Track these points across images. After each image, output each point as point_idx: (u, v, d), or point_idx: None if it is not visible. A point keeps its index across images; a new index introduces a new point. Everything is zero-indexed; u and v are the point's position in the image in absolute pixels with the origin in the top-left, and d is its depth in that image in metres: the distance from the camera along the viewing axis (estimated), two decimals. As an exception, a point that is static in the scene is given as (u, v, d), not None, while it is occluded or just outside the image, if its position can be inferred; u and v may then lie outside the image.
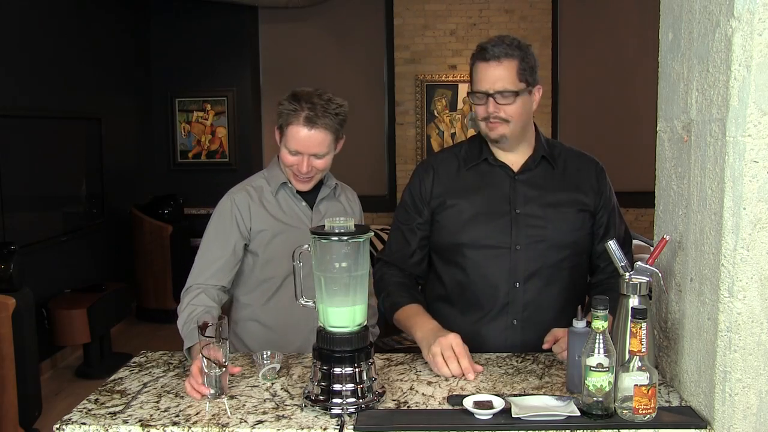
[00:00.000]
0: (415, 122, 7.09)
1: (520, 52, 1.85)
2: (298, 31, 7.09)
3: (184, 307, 1.95)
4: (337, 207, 2.19)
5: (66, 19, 5.32)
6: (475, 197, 1.94)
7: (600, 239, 1.98)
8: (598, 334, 1.41)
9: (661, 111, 1.69)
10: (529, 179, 1.95)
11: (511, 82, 1.84)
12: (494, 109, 1.85)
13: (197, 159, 6.93)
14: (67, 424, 1.46)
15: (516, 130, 1.89)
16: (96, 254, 5.66)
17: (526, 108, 1.89)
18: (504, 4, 6.93)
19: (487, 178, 1.96)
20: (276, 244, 2.07)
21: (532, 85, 1.88)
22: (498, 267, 1.91)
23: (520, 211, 1.91)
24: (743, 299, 1.36)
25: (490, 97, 1.85)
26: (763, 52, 1.31)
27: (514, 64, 1.84)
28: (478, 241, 1.92)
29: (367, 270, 1.56)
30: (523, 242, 1.90)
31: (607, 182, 2.02)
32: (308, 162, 2.01)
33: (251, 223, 2.06)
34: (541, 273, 1.91)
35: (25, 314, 3.64)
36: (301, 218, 2.11)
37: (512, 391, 1.62)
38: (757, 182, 1.33)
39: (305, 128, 1.98)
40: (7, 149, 4.35)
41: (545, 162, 1.97)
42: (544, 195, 1.93)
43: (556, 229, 1.91)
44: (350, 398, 1.48)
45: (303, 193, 2.13)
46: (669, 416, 1.44)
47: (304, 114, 1.97)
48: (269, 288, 2.10)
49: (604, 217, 1.99)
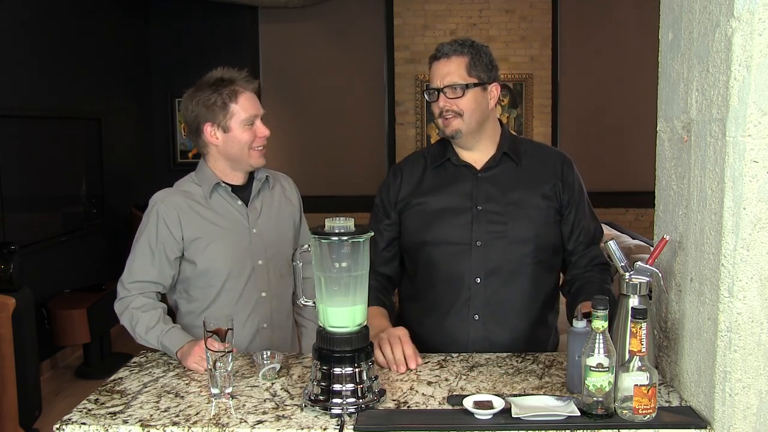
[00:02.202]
0: (415, 122, 7.10)
1: (472, 49, 1.92)
2: (298, 31, 7.10)
3: (134, 317, 1.94)
4: (273, 199, 2.17)
5: (66, 19, 5.32)
6: (438, 196, 1.99)
7: (569, 236, 2.01)
8: (598, 334, 1.41)
9: (661, 111, 1.69)
10: (492, 177, 1.99)
11: (459, 76, 1.90)
12: (445, 103, 1.92)
13: (197, 159, 6.90)
14: (67, 424, 1.46)
15: (471, 125, 1.93)
16: (96, 254, 5.66)
17: (479, 103, 1.93)
18: (504, 4, 6.93)
19: (450, 178, 2.01)
20: (213, 251, 2.03)
21: (486, 81, 1.93)
22: (459, 263, 1.95)
23: (482, 208, 1.95)
24: (743, 299, 1.36)
25: (440, 92, 1.92)
26: (763, 52, 1.31)
27: (463, 60, 1.91)
28: (439, 238, 1.97)
29: (367, 270, 1.56)
30: (483, 238, 1.94)
31: (575, 176, 2.03)
32: (262, 125, 2.04)
33: (182, 233, 2.02)
34: (502, 269, 1.94)
35: (25, 314, 3.64)
36: (238, 219, 2.08)
37: (512, 391, 1.62)
38: (757, 182, 1.33)
39: (250, 92, 2.03)
40: (7, 149, 4.35)
41: (508, 159, 2.00)
42: (505, 192, 1.97)
43: (517, 225, 1.94)
44: (350, 398, 1.48)
45: (237, 191, 2.10)
46: (669, 416, 1.44)
47: (239, 83, 2.01)
48: (209, 294, 2.06)
49: (572, 213, 2.00)
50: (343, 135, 7.16)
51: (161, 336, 1.89)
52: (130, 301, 1.99)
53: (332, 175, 7.05)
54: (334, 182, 7.10)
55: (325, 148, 7.07)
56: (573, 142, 6.78)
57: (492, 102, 1.96)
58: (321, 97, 7.02)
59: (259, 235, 2.09)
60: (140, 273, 2.02)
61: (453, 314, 1.97)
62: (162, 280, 2.04)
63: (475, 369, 1.77)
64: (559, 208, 1.99)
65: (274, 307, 2.12)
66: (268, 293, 2.11)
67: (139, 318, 1.94)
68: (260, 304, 2.10)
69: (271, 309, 2.12)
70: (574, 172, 2.03)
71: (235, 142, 2.02)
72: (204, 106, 2.01)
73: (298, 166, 6.48)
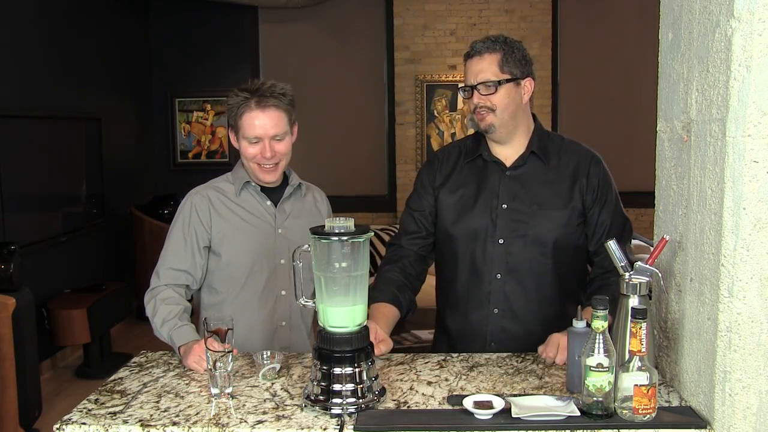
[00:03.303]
0: (415, 122, 7.09)
1: (505, 46, 1.96)
2: (298, 31, 7.09)
3: (156, 307, 1.98)
4: (303, 206, 2.20)
5: (66, 20, 5.32)
6: (466, 191, 2.04)
7: (591, 236, 2.01)
8: (598, 334, 1.41)
9: (661, 111, 1.69)
10: (519, 175, 2.02)
11: (492, 73, 1.95)
12: (478, 99, 1.96)
13: (197, 159, 6.94)
14: (67, 424, 1.46)
15: (504, 120, 1.97)
16: (96, 254, 5.66)
17: (512, 98, 1.96)
18: (504, 4, 6.93)
19: (480, 173, 2.05)
20: (237, 244, 2.09)
21: (519, 77, 1.97)
22: (482, 258, 2.00)
23: (507, 206, 1.99)
24: (743, 299, 1.36)
25: (474, 89, 1.96)
26: (763, 52, 1.31)
27: (496, 57, 1.95)
28: (464, 233, 2.03)
29: (367, 270, 1.56)
30: (506, 236, 1.98)
31: (600, 176, 2.02)
32: (270, 146, 2.03)
33: (211, 223, 2.09)
34: (522, 267, 1.99)
35: (25, 314, 3.64)
36: (265, 217, 2.13)
37: (512, 391, 1.62)
38: (757, 182, 1.33)
39: (258, 111, 2.01)
40: (7, 149, 4.35)
41: (536, 158, 2.02)
42: (530, 192, 2.00)
43: (539, 225, 1.98)
44: (350, 398, 1.48)
45: (268, 193, 2.15)
46: (669, 416, 1.44)
47: (254, 100, 2.02)
48: (232, 288, 2.11)
49: (595, 214, 2.01)
50: (343, 135, 7.16)
51: (172, 330, 1.92)
52: (158, 292, 2.04)
53: (332, 175, 7.04)
54: (333, 182, 7.08)
55: (325, 148, 7.07)
56: (573, 142, 6.78)
57: (526, 96, 2.00)
58: (321, 97, 7.01)
59: (284, 236, 2.13)
60: (173, 260, 2.07)
61: (474, 307, 2.02)
62: (192, 270, 2.08)
63: (475, 369, 1.77)
64: (583, 210, 2.01)
65: (293, 307, 2.15)
66: (288, 292, 2.15)
67: (159, 309, 1.98)
68: (280, 303, 2.15)
69: (290, 308, 2.16)
70: (600, 173, 2.03)
71: (243, 153, 2.08)
72: (228, 112, 2.08)
73: (298, 166, 6.46)
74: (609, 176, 2.05)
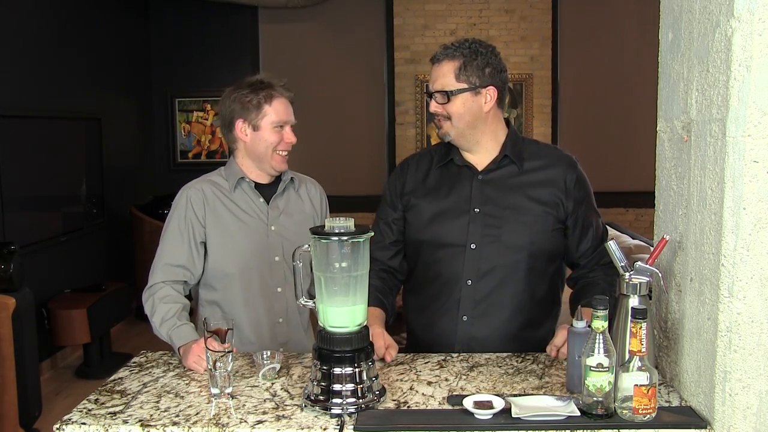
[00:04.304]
0: (415, 122, 7.09)
1: (468, 52, 1.91)
2: (298, 31, 7.09)
3: (154, 306, 1.99)
4: (296, 201, 2.23)
5: (66, 19, 5.32)
6: (438, 196, 2.01)
7: (577, 244, 1.99)
8: (598, 334, 1.41)
9: (661, 111, 1.69)
10: (492, 179, 1.98)
11: (447, 82, 1.91)
12: (434, 107, 1.95)
13: (197, 159, 6.94)
14: (67, 424, 1.46)
15: (460, 128, 1.94)
16: (96, 254, 5.66)
17: (468, 107, 1.92)
18: (504, 4, 6.93)
19: (452, 178, 2.02)
20: (231, 240, 2.11)
21: (478, 86, 1.91)
22: (453, 265, 1.96)
23: (479, 211, 1.95)
24: (743, 299, 1.36)
25: (431, 96, 1.95)
26: (763, 52, 1.31)
27: (453, 65, 1.91)
28: (435, 239, 1.98)
29: (367, 270, 1.56)
30: (477, 241, 1.94)
31: (577, 179, 1.98)
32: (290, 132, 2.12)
33: (206, 218, 2.10)
34: (494, 272, 1.94)
35: (25, 314, 3.64)
36: (258, 215, 2.15)
37: (512, 391, 1.62)
38: (757, 182, 1.33)
39: (287, 99, 2.12)
40: (7, 149, 4.35)
41: (510, 162, 1.98)
42: (504, 196, 1.96)
43: (512, 230, 1.93)
44: (350, 398, 1.48)
45: (261, 190, 2.17)
46: (669, 416, 1.44)
47: (281, 86, 2.11)
48: (227, 284, 2.12)
49: (578, 222, 1.98)
50: (343, 135, 7.16)
51: (171, 330, 1.93)
52: (156, 290, 2.04)
53: (332, 175, 7.03)
54: (333, 182, 7.07)
55: (325, 148, 7.07)
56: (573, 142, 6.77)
57: (487, 105, 1.92)
58: (321, 97, 7.01)
59: (278, 233, 2.15)
60: (169, 255, 2.08)
61: (443, 314, 1.98)
62: (189, 264, 2.08)
63: (475, 369, 1.77)
64: (563, 218, 1.96)
65: (290, 304, 2.16)
66: (284, 289, 2.16)
67: (157, 308, 1.99)
68: (276, 300, 2.16)
69: (287, 305, 2.16)
70: (577, 177, 1.98)
71: (261, 141, 2.10)
72: (239, 103, 2.09)
73: (298, 166, 6.46)
74: (586, 179, 2.01)
